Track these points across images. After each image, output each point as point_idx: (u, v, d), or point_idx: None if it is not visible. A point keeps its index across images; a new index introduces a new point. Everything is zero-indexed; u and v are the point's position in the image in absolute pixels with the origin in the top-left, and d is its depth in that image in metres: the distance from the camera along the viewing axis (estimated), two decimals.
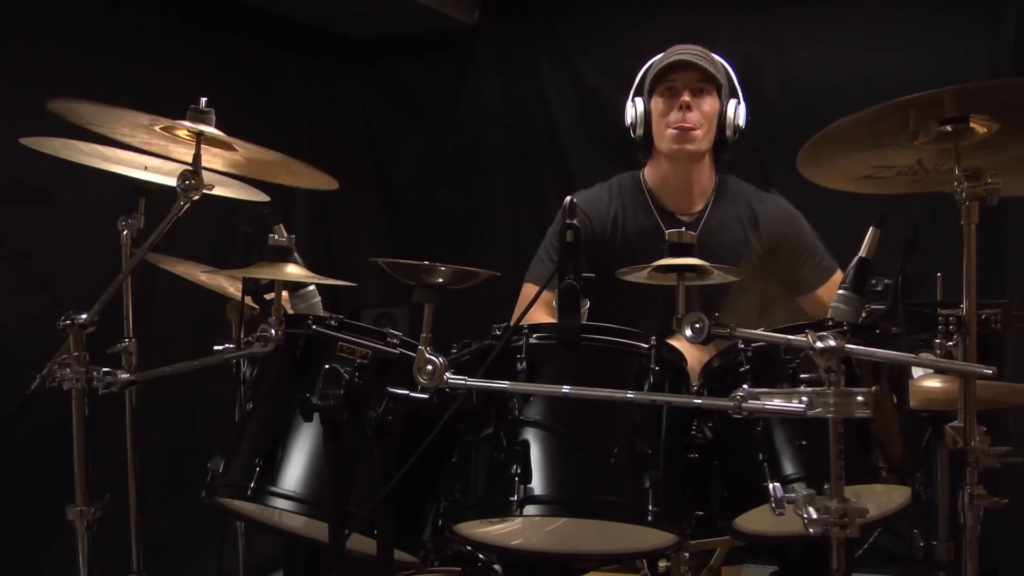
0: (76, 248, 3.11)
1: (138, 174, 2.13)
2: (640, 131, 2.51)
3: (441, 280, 1.61)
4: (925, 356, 1.70)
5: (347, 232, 4.61)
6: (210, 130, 1.81)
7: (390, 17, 4.29)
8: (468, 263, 1.62)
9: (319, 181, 2.03)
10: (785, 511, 1.50)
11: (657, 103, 2.48)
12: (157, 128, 1.85)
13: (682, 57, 2.46)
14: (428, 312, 1.62)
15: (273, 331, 1.75)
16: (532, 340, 1.72)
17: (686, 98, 2.43)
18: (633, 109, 2.52)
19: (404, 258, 1.60)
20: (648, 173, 2.59)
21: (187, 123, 1.81)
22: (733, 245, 2.50)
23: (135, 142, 2.01)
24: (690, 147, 2.45)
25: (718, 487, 1.75)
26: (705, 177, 2.56)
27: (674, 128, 2.44)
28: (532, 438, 1.65)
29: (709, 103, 2.46)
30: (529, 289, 2.49)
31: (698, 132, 2.45)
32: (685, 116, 2.43)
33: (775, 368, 1.75)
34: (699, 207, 2.56)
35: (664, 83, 2.47)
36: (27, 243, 3.04)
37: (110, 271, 1.99)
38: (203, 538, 3.14)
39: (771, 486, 1.53)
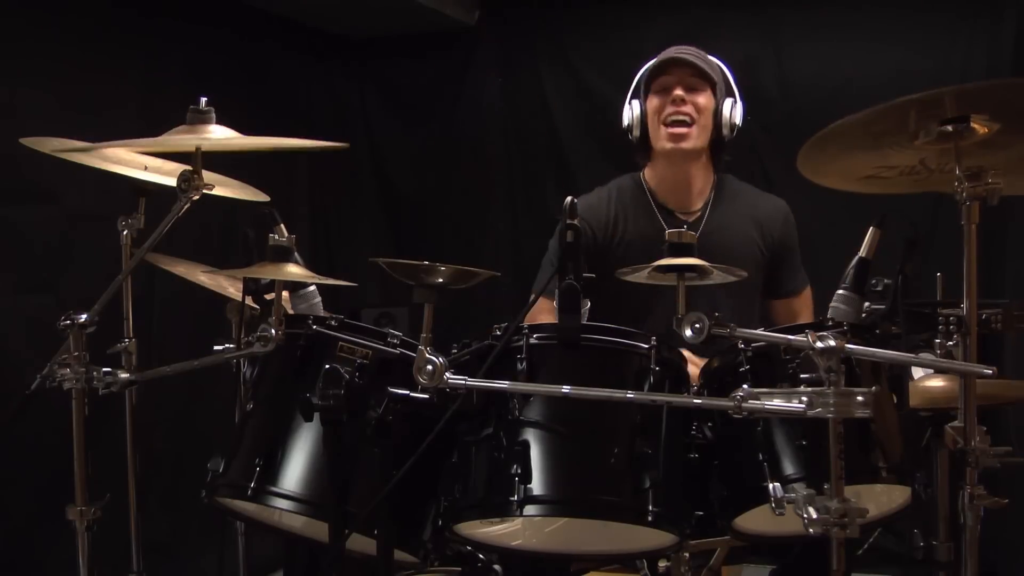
0: (76, 248, 3.10)
1: (138, 174, 2.13)
2: (637, 132, 2.53)
3: (441, 280, 1.61)
4: (925, 356, 1.70)
5: (347, 232, 4.60)
6: (210, 137, 1.80)
7: (390, 17, 4.28)
8: (468, 263, 1.62)
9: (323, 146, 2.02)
10: (785, 511, 1.50)
11: (652, 101, 2.51)
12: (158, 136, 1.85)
13: (674, 55, 2.50)
14: (428, 312, 1.61)
15: (273, 331, 1.74)
16: (532, 340, 1.71)
17: (679, 92, 2.46)
18: (630, 111, 2.54)
19: (404, 258, 1.60)
20: (648, 174, 2.61)
21: (183, 136, 1.80)
22: (735, 244, 2.51)
23: (136, 149, 2.02)
24: (684, 145, 2.47)
25: (718, 487, 1.75)
26: (703, 176, 2.57)
27: (668, 128, 2.46)
28: (532, 438, 1.66)
29: (703, 99, 2.48)
30: (541, 302, 2.24)
31: (691, 130, 2.47)
32: (678, 109, 2.45)
33: (775, 368, 1.76)
34: (698, 207, 2.56)
35: (658, 81, 2.50)
36: (27, 243, 3.04)
37: (110, 271, 1.98)
38: (203, 538, 3.13)
39: (771, 486, 1.54)
